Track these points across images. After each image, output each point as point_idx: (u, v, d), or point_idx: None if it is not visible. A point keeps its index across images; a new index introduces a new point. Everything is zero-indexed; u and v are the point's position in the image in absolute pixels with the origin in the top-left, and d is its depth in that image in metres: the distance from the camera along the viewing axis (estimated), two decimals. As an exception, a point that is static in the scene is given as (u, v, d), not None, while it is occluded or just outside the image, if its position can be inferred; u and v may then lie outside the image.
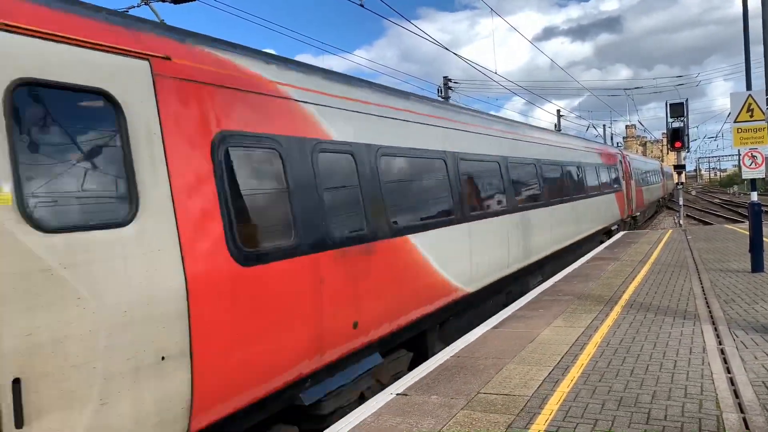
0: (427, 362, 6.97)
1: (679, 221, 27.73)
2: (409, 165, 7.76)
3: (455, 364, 6.76)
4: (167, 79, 4.44)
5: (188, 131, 4.54)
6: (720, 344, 6.99)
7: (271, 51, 7.65)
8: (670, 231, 22.63)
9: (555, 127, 46.43)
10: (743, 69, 12.65)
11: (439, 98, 27.02)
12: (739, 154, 12.30)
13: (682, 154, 24.46)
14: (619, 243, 19.01)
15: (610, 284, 11.38)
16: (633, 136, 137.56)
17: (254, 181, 5.26)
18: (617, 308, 9.19)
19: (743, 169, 12.25)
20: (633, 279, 11.85)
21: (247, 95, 5.21)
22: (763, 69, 11.41)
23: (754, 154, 11.95)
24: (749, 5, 12.47)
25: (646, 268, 13.26)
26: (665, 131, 22.88)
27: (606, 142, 52.20)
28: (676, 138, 21.22)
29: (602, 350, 6.98)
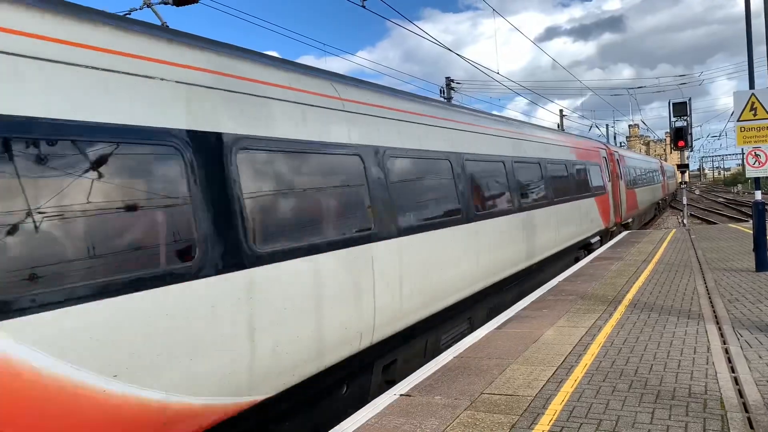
0: (431, 363, 6.97)
1: (682, 220, 27.66)
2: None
3: (459, 365, 6.77)
4: None
5: None
6: (724, 344, 6.98)
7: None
8: (673, 230, 22.59)
9: (558, 128, 44.94)
10: (746, 68, 12.64)
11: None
12: (742, 153, 12.29)
13: (686, 153, 24.41)
14: (622, 243, 18.99)
15: (614, 284, 11.37)
16: (636, 136, 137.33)
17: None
18: (621, 308, 9.18)
19: (747, 167, 12.22)
20: (637, 279, 11.83)
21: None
22: (766, 68, 11.47)
23: (758, 152, 11.92)
24: (752, 4, 12.46)
25: (649, 267, 13.24)
26: (668, 130, 22.83)
27: (609, 142, 51.37)
28: (680, 137, 21.19)
29: (606, 350, 6.97)
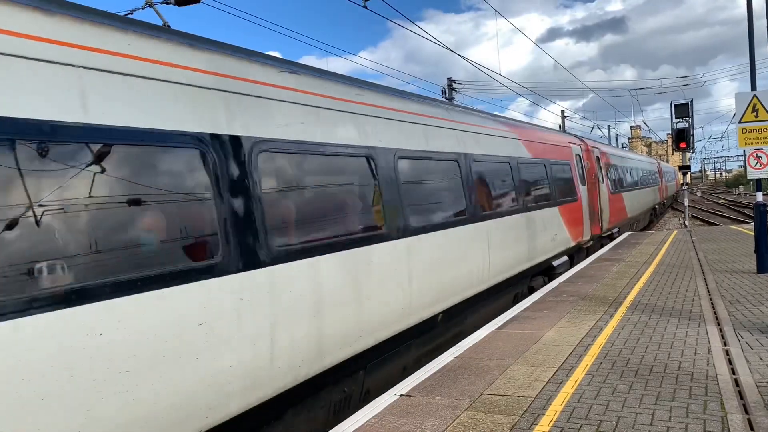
0: (431, 363, 6.97)
1: (684, 222, 27.64)
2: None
3: (459, 365, 6.77)
4: None
5: None
6: (725, 345, 6.97)
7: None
8: (675, 232, 22.57)
9: (559, 128, 43.01)
10: (748, 69, 12.63)
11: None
12: (744, 155, 12.26)
13: (687, 154, 24.40)
14: (623, 244, 18.97)
15: (615, 285, 11.36)
16: (638, 137, 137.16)
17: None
18: (622, 309, 9.17)
19: (748, 169, 12.21)
20: (638, 280, 11.82)
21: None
22: (768, 69, 11.41)
23: (759, 154, 11.91)
24: (754, 6, 12.45)
25: (650, 269, 13.23)
26: (670, 132, 22.80)
27: (610, 143, 50.62)
28: (681, 138, 21.18)
29: (606, 351, 6.97)
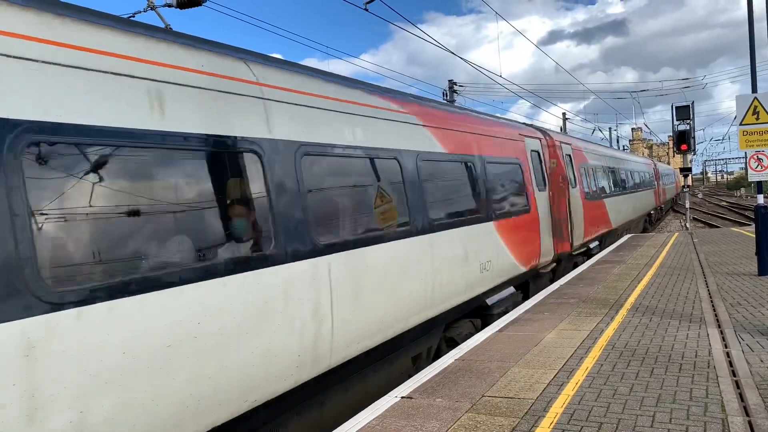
0: (432, 365, 6.98)
1: (685, 224, 27.65)
2: None
3: (460, 367, 6.77)
4: None
5: None
6: (726, 347, 6.97)
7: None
8: (676, 234, 22.57)
9: (561, 131, 39.75)
10: (749, 71, 12.63)
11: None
12: (745, 157, 12.26)
13: (689, 156, 24.40)
14: (624, 246, 18.96)
15: (616, 287, 11.36)
16: (639, 139, 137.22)
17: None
18: (623, 311, 9.17)
19: (749, 171, 12.20)
20: (639, 282, 11.82)
21: None
22: (769, 71, 11.43)
23: (760, 156, 11.91)
24: (754, 8, 12.45)
25: (651, 271, 13.23)
26: (671, 134, 22.81)
27: (612, 145, 50.14)
28: (683, 141, 21.21)
29: (607, 353, 6.98)
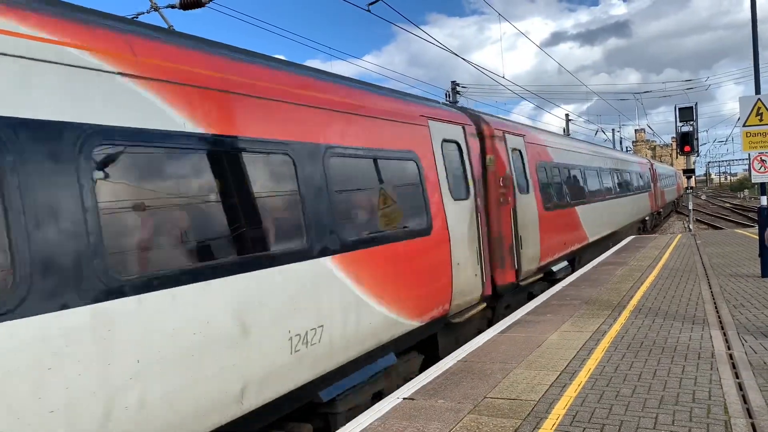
0: (434, 367, 6.98)
1: (688, 225, 27.59)
2: None
3: (462, 369, 6.77)
4: None
5: None
6: (729, 349, 6.96)
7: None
8: (679, 236, 22.53)
9: (564, 132, 40.21)
10: (752, 73, 12.61)
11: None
12: (748, 158, 12.23)
13: (692, 158, 24.35)
14: (627, 248, 18.94)
15: (619, 289, 11.35)
16: (642, 141, 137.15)
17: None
18: (625, 313, 9.16)
19: (753, 173, 12.17)
20: (641, 284, 11.80)
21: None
22: (772, 73, 11.42)
23: (764, 158, 11.88)
24: (758, 10, 12.43)
25: (654, 272, 13.21)
26: (674, 135, 22.79)
27: (615, 147, 50.13)
28: (686, 142, 21.17)
29: (610, 355, 6.97)
